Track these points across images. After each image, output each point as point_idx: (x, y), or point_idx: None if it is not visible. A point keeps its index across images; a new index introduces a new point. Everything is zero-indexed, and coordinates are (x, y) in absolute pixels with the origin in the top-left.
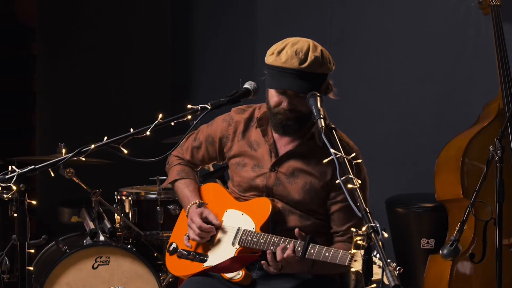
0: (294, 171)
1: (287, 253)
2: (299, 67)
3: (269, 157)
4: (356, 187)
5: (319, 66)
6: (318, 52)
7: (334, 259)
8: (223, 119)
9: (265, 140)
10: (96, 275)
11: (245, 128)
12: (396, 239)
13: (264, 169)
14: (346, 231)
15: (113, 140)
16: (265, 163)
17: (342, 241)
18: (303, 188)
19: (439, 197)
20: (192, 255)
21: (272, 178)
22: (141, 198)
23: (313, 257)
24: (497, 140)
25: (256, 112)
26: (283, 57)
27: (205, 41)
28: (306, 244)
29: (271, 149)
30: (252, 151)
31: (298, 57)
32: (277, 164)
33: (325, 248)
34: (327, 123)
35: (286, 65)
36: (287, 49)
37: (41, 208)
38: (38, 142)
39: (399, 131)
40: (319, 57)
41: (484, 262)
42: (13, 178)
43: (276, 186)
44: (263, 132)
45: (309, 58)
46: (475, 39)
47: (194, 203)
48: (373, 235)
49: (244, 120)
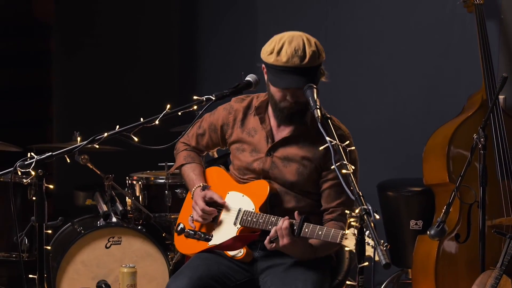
0: (288, 156)
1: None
2: (300, 64)
3: (266, 142)
4: (350, 172)
5: (316, 60)
6: (313, 46)
7: (326, 237)
8: (224, 108)
9: (263, 127)
10: (108, 254)
11: (244, 116)
12: (387, 221)
13: (260, 153)
14: (336, 208)
15: (125, 129)
16: (262, 148)
17: (332, 219)
18: (297, 171)
19: (427, 181)
20: (198, 234)
21: (268, 162)
22: (150, 182)
23: (307, 235)
24: (481, 129)
25: (254, 101)
26: (283, 57)
27: (209, 38)
28: (301, 223)
29: (268, 135)
30: (249, 137)
31: (298, 55)
32: (273, 149)
33: (318, 227)
34: (323, 113)
35: (288, 64)
36: (286, 48)
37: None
38: (55, 131)
39: (390, 121)
40: (316, 51)
41: (469, 242)
42: (32, 164)
43: (272, 169)
44: (261, 119)
45: (307, 55)
46: (460, 35)
47: (199, 186)
48: (365, 216)
49: (243, 109)
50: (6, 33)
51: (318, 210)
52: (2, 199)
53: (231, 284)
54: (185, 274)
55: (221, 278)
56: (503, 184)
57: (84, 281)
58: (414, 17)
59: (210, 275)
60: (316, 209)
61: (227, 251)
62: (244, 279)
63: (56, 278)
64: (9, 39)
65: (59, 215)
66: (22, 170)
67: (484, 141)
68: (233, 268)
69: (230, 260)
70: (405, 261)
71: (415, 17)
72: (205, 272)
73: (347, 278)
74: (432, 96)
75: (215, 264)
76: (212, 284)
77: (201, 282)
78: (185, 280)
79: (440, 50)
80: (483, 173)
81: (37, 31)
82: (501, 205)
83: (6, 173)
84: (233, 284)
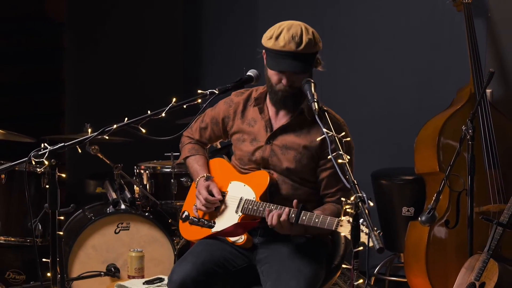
0: (286, 143)
1: (283, 217)
2: (296, 50)
3: (265, 131)
4: (345, 162)
5: (312, 47)
6: (310, 34)
7: (323, 224)
8: (224, 102)
9: (262, 117)
10: (117, 239)
11: (244, 108)
12: (381, 208)
13: (260, 142)
14: (335, 192)
15: (133, 121)
16: (261, 137)
17: (331, 202)
18: (294, 158)
19: (418, 170)
20: (201, 222)
21: (267, 150)
22: (157, 171)
23: (305, 223)
24: (469, 121)
25: (253, 93)
26: (281, 41)
27: (212, 36)
28: (299, 212)
29: (267, 125)
30: (250, 128)
31: (295, 41)
32: (272, 138)
33: (315, 215)
34: (320, 106)
35: (285, 48)
36: (284, 34)
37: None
38: (67, 123)
39: (384, 113)
40: (312, 39)
41: (458, 228)
42: (45, 154)
43: (271, 157)
44: (260, 109)
45: (303, 41)
46: (450, 33)
47: (202, 177)
48: (360, 204)
49: (242, 101)
50: (21, 31)
51: (315, 198)
52: (17, 187)
53: (232, 269)
54: (189, 260)
55: (223, 263)
56: (490, 173)
57: (95, 265)
58: (406, 16)
59: (213, 260)
60: (313, 197)
61: (229, 237)
62: (244, 264)
63: (68, 262)
64: (24, 37)
65: (71, 202)
66: (36, 160)
67: (472, 132)
68: (234, 253)
69: (232, 246)
70: (397, 245)
71: (408, 16)
72: (208, 257)
73: (343, 262)
74: (423, 90)
75: (217, 250)
76: (214, 269)
77: (203, 267)
78: (189, 266)
79: (431, 46)
80: (471, 163)
81: (50, 29)
82: (488, 192)
83: (21, 163)
84: (234, 269)
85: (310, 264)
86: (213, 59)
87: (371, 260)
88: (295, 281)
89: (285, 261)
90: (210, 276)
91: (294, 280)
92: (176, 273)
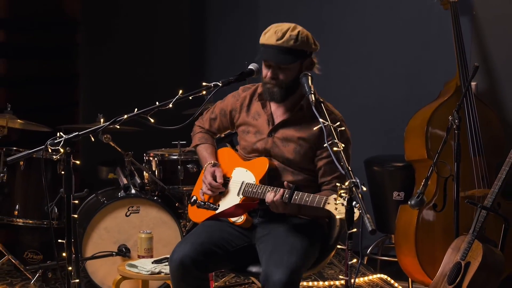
0: (287, 137)
1: (276, 197)
2: (276, 43)
3: (267, 125)
4: (340, 149)
5: (292, 43)
6: (295, 32)
7: (312, 203)
8: (232, 95)
9: (264, 111)
10: (128, 221)
11: (249, 102)
12: (373, 192)
13: (263, 135)
14: (331, 181)
15: (142, 111)
16: (264, 130)
17: (328, 189)
18: (294, 150)
19: (408, 157)
20: (207, 205)
21: (269, 142)
22: (165, 158)
23: (297, 202)
24: (455, 112)
25: (258, 89)
26: (267, 35)
27: (216, 32)
28: (292, 192)
29: (269, 119)
30: (254, 121)
31: (276, 35)
32: (273, 131)
33: (306, 195)
34: (317, 98)
35: (267, 42)
36: (271, 30)
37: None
38: (81, 113)
39: (376, 104)
40: (294, 36)
41: (445, 211)
42: (61, 142)
43: (273, 148)
44: (263, 104)
45: (284, 37)
46: (437, 29)
47: (209, 163)
48: (354, 188)
49: (248, 96)
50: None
51: (312, 184)
52: (34, 173)
53: (231, 249)
54: (189, 240)
55: (222, 243)
56: (475, 160)
57: (107, 245)
58: (397, 14)
59: (212, 241)
60: (311, 183)
61: (230, 218)
62: (243, 244)
63: (82, 243)
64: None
65: (85, 187)
66: (52, 147)
67: (458, 122)
68: (234, 234)
69: (232, 227)
70: (388, 227)
71: (398, 14)
72: (207, 238)
73: (337, 243)
74: (412, 83)
75: (217, 231)
76: (213, 249)
77: (202, 247)
78: (188, 246)
79: (420, 42)
80: (457, 150)
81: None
82: (473, 178)
83: (38, 151)
84: (233, 248)
85: (304, 242)
86: (217, 54)
87: (364, 241)
88: (287, 256)
89: (280, 238)
90: (209, 255)
91: (286, 255)
92: (176, 252)
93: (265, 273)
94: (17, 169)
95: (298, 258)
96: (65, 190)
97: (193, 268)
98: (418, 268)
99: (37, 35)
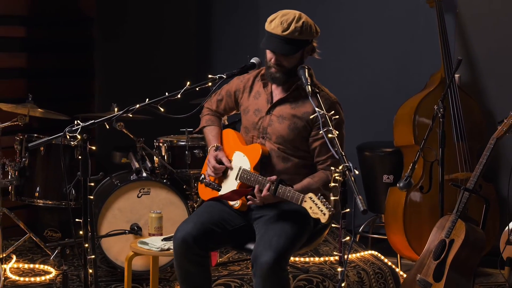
0: (282, 114)
1: (264, 193)
2: (281, 34)
3: (266, 103)
4: (334, 136)
5: (297, 34)
6: (299, 23)
7: (292, 199)
8: (237, 77)
9: (265, 91)
10: (140, 202)
11: (252, 83)
12: (364, 175)
13: (262, 113)
14: (326, 160)
15: (153, 101)
16: (263, 108)
17: (323, 169)
18: (289, 127)
19: (397, 143)
20: (211, 184)
21: (267, 120)
22: (173, 144)
23: (280, 195)
24: (440, 101)
25: (262, 71)
26: (272, 24)
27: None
28: (276, 186)
29: (268, 98)
30: (255, 100)
31: (282, 26)
32: (272, 109)
33: (287, 189)
34: (313, 88)
35: (273, 31)
36: (277, 19)
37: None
38: (96, 103)
39: (367, 94)
40: (299, 27)
41: (431, 193)
42: (78, 129)
43: (270, 126)
44: (264, 84)
45: (290, 28)
46: (424, 25)
47: (213, 146)
48: (347, 172)
49: (252, 77)
50: (57, 24)
51: (302, 171)
52: (54, 158)
53: (230, 228)
54: (191, 219)
55: (221, 223)
56: (458, 145)
57: (120, 224)
58: (387, 11)
59: (212, 220)
60: (300, 170)
61: (229, 201)
62: (241, 223)
63: (97, 222)
64: (59, 29)
65: (100, 171)
66: (70, 134)
67: (443, 111)
68: (232, 214)
69: (230, 208)
70: (379, 208)
71: (388, 11)
72: (208, 218)
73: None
74: (401, 75)
75: (217, 211)
76: (213, 228)
77: (203, 226)
78: (190, 225)
79: (407, 37)
80: (442, 137)
81: (82, 23)
82: (457, 162)
83: (57, 137)
84: (231, 228)
85: (294, 225)
86: (221, 49)
87: (356, 220)
88: (277, 238)
89: (273, 220)
90: (209, 234)
91: (276, 237)
92: (179, 231)
93: (254, 253)
94: (37, 154)
95: (287, 242)
96: (82, 173)
97: (194, 245)
98: (406, 245)
99: (55, 31)
